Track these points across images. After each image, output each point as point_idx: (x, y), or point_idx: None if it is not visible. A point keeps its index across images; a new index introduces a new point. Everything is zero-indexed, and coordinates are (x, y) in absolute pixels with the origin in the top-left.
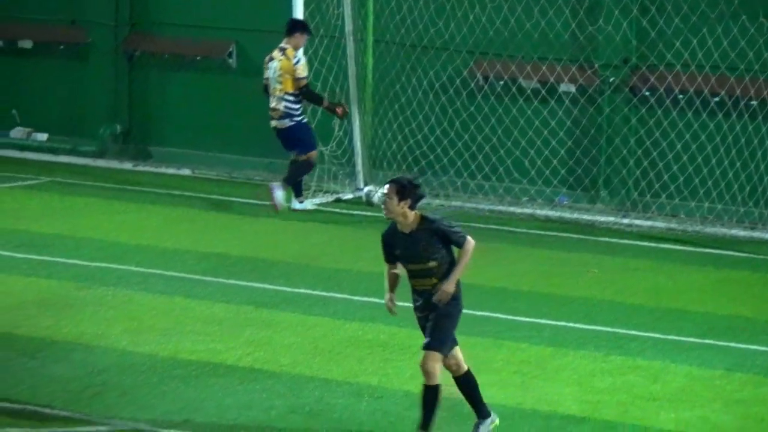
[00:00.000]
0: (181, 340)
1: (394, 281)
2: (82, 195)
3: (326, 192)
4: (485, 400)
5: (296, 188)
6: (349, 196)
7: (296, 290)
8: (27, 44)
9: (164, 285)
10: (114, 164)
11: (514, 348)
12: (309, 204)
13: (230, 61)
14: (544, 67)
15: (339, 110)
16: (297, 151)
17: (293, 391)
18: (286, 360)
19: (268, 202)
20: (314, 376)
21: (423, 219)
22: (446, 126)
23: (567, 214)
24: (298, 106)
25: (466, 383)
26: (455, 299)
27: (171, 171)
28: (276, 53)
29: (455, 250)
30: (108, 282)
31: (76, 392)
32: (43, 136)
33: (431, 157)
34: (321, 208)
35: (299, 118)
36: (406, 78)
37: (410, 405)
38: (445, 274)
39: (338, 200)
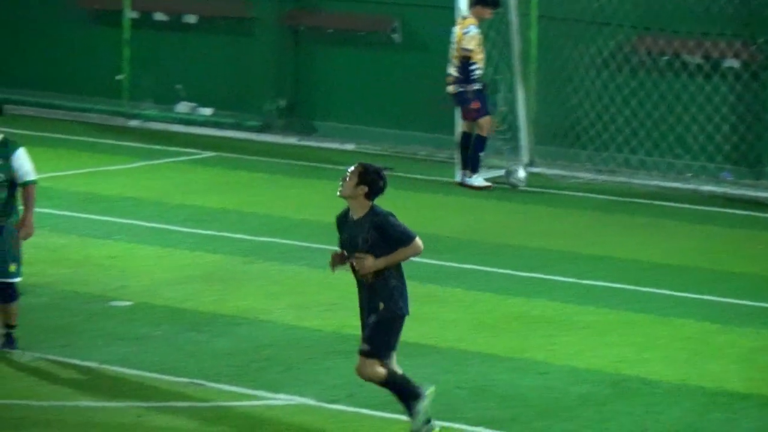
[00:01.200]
0: (346, 315)
1: None
2: (247, 169)
3: (491, 167)
4: (651, 377)
5: (473, 163)
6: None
7: (461, 265)
8: (191, 19)
9: (327, 259)
10: (278, 139)
11: (679, 324)
12: (479, 181)
13: (394, 36)
14: (707, 43)
15: (473, 105)
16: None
17: (458, 367)
18: (451, 335)
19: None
20: (479, 352)
21: (371, 210)
22: (608, 101)
23: (731, 190)
24: (463, 72)
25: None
26: (394, 304)
27: (335, 146)
28: (459, 20)
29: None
30: (273, 256)
31: (242, 366)
32: (207, 111)
33: (592, 132)
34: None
35: (463, 85)
36: (569, 53)
37: (575, 381)
38: (383, 272)
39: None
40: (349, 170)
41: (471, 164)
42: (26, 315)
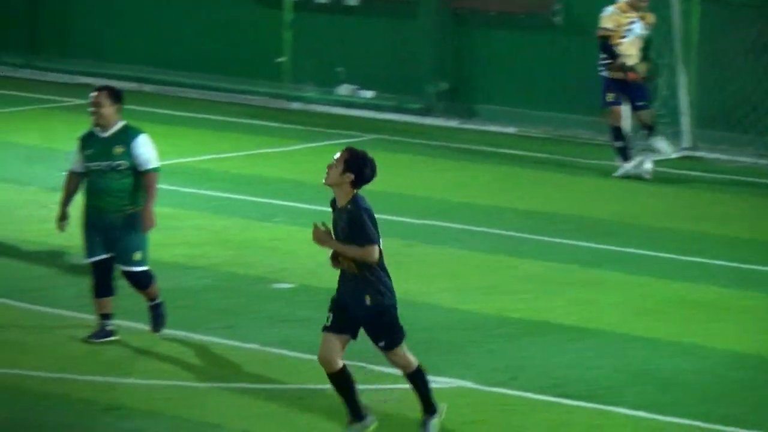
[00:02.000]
0: (505, 298)
1: None
2: (408, 152)
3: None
4: None
5: (620, 154)
6: (675, 155)
7: (621, 249)
8: (353, 1)
9: (489, 243)
10: (439, 122)
11: None
12: (622, 170)
13: (555, 18)
14: None
15: (630, 75)
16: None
17: (619, 351)
18: (612, 319)
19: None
20: (640, 336)
21: (353, 201)
22: None
23: None
24: (604, 56)
25: (343, 380)
26: (381, 296)
27: (496, 129)
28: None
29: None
30: (433, 239)
31: None
32: (369, 94)
33: (754, 116)
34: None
35: (601, 70)
36: (730, 36)
37: (737, 365)
38: (362, 265)
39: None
40: (335, 156)
41: (620, 155)
42: (189, 297)
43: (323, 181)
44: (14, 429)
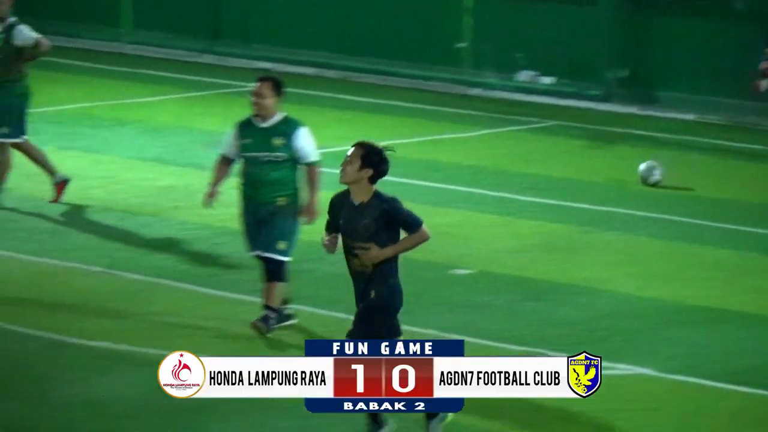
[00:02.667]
0: (686, 285)
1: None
2: (587, 138)
3: None
4: None
5: None
6: None
7: None
8: None
9: (669, 230)
10: (618, 108)
11: None
12: None
13: (736, 4)
14: None
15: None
16: None
17: None
18: None
19: None
20: None
21: (376, 195)
22: None
23: None
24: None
25: None
26: (389, 292)
27: (675, 115)
28: None
29: None
30: (613, 226)
31: (581, 336)
32: (548, 80)
33: None
34: None
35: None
36: None
37: None
38: (383, 263)
39: None
40: (349, 153)
41: None
42: None
43: (339, 179)
44: (190, 412)
